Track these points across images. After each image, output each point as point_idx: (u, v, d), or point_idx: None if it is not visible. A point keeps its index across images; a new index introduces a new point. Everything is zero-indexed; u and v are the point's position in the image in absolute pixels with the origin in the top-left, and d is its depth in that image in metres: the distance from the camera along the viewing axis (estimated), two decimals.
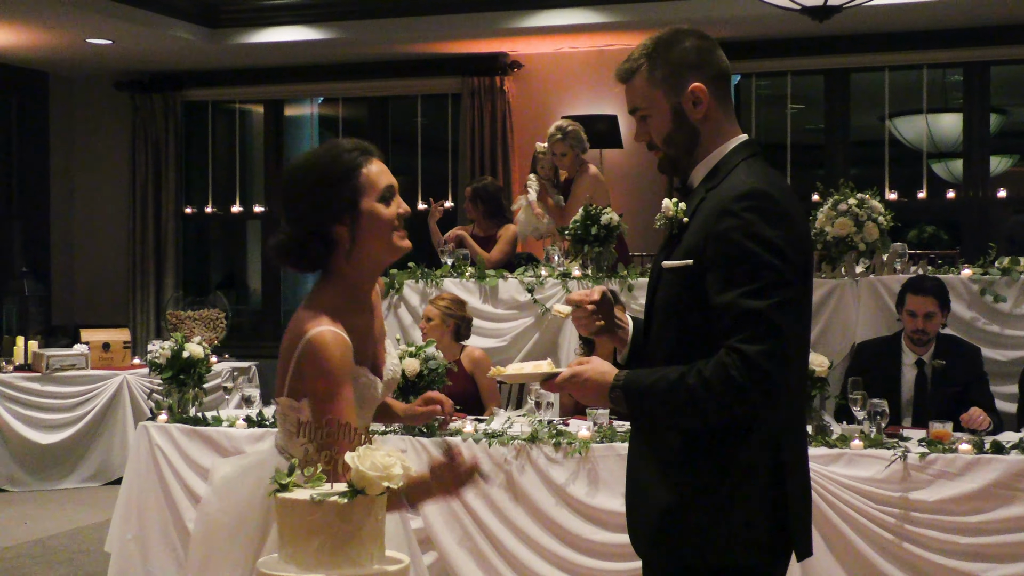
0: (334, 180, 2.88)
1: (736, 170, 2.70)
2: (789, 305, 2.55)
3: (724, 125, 2.78)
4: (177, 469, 5.93)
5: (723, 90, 2.79)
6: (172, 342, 6.15)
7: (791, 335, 2.54)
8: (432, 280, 7.32)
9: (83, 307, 11.94)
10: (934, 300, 6.07)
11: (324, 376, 2.80)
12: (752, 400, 2.52)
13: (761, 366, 2.49)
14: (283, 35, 10.26)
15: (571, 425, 5.73)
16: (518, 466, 5.45)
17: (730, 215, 2.58)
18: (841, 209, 6.69)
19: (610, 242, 7.07)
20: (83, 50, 10.51)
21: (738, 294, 2.53)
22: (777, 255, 2.54)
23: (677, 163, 2.82)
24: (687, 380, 2.55)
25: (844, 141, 10.21)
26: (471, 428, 5.64)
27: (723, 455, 2.63)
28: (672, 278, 2.71)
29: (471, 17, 9.78)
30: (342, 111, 11.88)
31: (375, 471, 2.45)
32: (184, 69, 11.51)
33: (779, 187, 2.66)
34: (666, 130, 2.78)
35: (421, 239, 9.04)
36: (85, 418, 8.83)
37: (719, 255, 2.59)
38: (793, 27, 8.75)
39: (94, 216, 12.04)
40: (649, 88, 2.77)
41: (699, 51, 2.78)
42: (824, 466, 5.12)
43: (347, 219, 2.88)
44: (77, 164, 12.06)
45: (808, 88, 10.65)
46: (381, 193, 2.92)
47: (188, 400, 6.19)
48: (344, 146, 2.95)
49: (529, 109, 10.64)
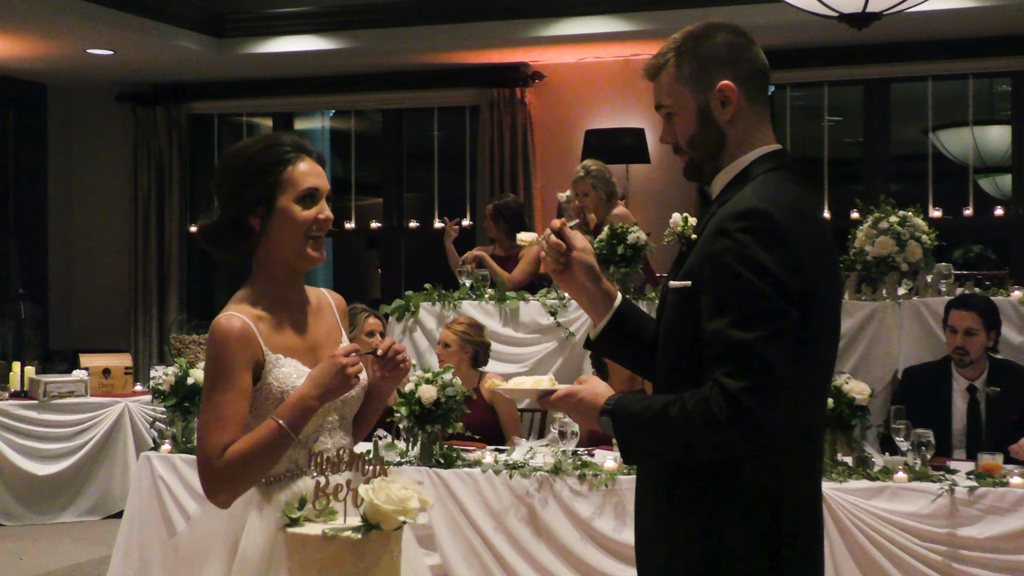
0: (256, 171, 2.97)
1: (749, 185, 2.63)
2: (781, 337, 2.46)
3: (754, 130, 2.71)
4: (181, 502, 5.94)
5: (756, 91, 2.72)
6: (176, 367, 6.16)
7: (781, 370, 2.45)
8: (449, 302, 7.32)
9: (82, 331, 11.98)
10: (975, 316, 6.04)
11: (213, 358, 2.90)
12: (731, 438, 2.47)
13: (742, 403, 2.43)
14: (292, 45, 10.31)
15: (596, 456, 5.72)
16: (541, 499, 5.44)
17: (725, 235, 2.53)
18: (882, 227, 6.67)
19: (637, 262, 7.06)
20: (83, 61, 10.58)
21: (726, 323, 2.47)
22: (771, 281, 2.47)
23: (701, 168, 2.75)
24: (670, 412, 2.52)
25: (885, 155, 10.19)
26: (491, 459, 5.64)
27: (713, 495, 2.59)
28: (675, 299, 2.67)
29: (490, 25, 9.81)
30: (354, 124, 11.92)
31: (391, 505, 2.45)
32: (189, 81, 11.58)
33: (784, 206, 2.56)
34: (691, 131, 2.72)
35: (438, 258, 9.06)
36: (84, 448, 8.84)
37: (711, 278, 2.54)
38: (830, 35, 8.74)
39: (94, 234, 12.09)
40: (676, 84, 2.71)
41: (731, 47, 2.71)
42: (866, 500, 5.09)
43: (261, 212, 2.97)
44: (76, 180, 12.12)
45: (846, 99, 10.64)
46: (301, 194, 2.98)
47: (193, 429, 6.20)
48: (279, 139, 3.04)
49: (551, 122, 10.66)
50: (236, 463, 2.79)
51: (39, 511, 8.83)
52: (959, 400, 6.09)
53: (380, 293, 12.16)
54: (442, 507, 5.44)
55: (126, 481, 8.43)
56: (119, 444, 8.93)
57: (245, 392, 2.89)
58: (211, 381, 2.89)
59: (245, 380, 2.90)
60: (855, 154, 10.64)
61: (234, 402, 2.87)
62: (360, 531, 2.42)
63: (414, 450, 5.72)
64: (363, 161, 11.93)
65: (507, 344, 7.22)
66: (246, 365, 2.90)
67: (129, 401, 9.01)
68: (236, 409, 2.87)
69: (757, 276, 2.47)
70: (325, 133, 12.36)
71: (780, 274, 2.48)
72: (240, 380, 2.89)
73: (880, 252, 6.66)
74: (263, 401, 2.92)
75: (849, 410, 5.28)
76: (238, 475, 2.80)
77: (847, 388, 5.28)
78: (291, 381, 2.94)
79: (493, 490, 5.50)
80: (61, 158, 12.01)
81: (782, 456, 2.59)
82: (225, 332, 2.90)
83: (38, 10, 8.87)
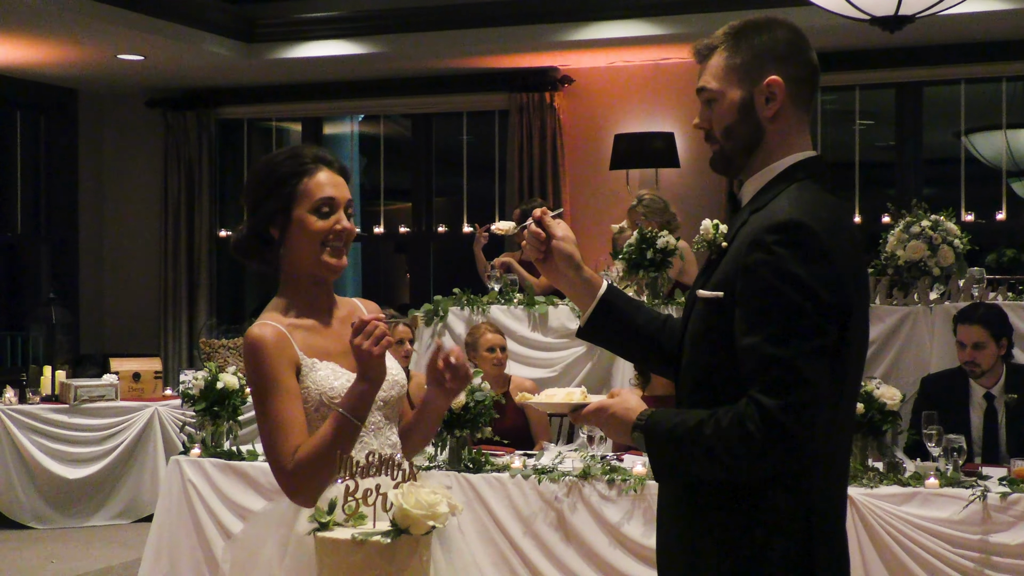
0: (274, 182, 3.04)
1: (783, 193, 2.58)
2: (819, 353, 2.42)
3: (793, 134, 2.66)
4: (210, 506, 5.96)
5: (803, 95, 2.67)
6: (205, 372, 6.19)
7: (819, 387, 2.41)
8: (478, 307, 7.33)
9: (113, 335, 12.06)
10: (982, 329, 5.99)
11: (254, 368, 2.93)
12: (769, 458, 2.43)
13: (780, 422, 2.39)
14: (322, 50, 10.35)
15: (626, 460, 5.72)
16: (569, 504, 5.44)
17: (760, 248, 2.48)
18: (914, 231, 6.65)
19: (666, 267, 7.05)
20: (113, 66, 10.64)
21: (763, 338, 2.43)
22: (809, 297, 2.42)
23: (732, 161, 2.69)
24: (704, 429, 2.48)
25: (917, 159, 10.14)
26: (519, 464, 5.64)
27: (745, 515, 2.54)
28: (704, 308, 2.62)
29: (519, 30, 9.82)
30: (384, 129, 11.96)
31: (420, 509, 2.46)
32: (218, 86, 11.63)
33: (823, 219, 2.51)
34: (729, 120, 2.66)
35: (467, 263, 9.08)
36: (114, 452, 8.89)
37: (746, 291, 2.49)
38: (862, 38, 8.72)
39: (124, 239, 12.16)
40: (724, 70, 2.65)
41: (789, 44, 2.65)
42: (896, 506, 5.07)
43: (279, 222, 3.03)
44: (107, 185, 12.20)
45: (878, 103, 10.60)
46: (316, 204, 3.02)
47: (222, 433, 6.23)
48: (299, 152, 3.10)
49: (581, 126, 10.66)
50: (309, 461, 2.81)
51: (70, 514, 8.89)
52: (976, 408, 6.06)
53: (409, 298, 12.18)
54: (471, 512, 5.45)
55: (156, 485, 8.47)
56: (149, 448, 8.98)
57: (295, 393, 2.93)
58: (259, 392, 2.93)
59: (291, 382, 2.93)
60: (887, 158, 10.59)
61: (289, 405, 2.90)
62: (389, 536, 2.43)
63: (443, 455, 5.73)
64: (392, 166, 11.96)
65: (536, 349, 7.23)
66: (288, 368, 2.94)
67: (159, 405, 9.05)
68: (293, 412, 2.91)
69: (795, 291, 2.43)
70: (354, 138, 12.40)
71: (818, 290, 2.43)
72: (286, 382, 2.92)
73: (912, 256, 6.64)
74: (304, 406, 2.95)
75: (880, 415, 5.26)
76: (313, 472, 2.81)
77: (878, 393, 5.26)
78: (329, 383, 2.97)
79: (522, 495, 5.51)
80: (92, 163, 12.09)
81: (814, 474, 2.54)
82: (259, 339, 2.94)
83: (68, 16, 8.93)
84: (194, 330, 11.56)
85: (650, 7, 9.45)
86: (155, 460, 8.91)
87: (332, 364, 3.01)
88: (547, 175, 10.56)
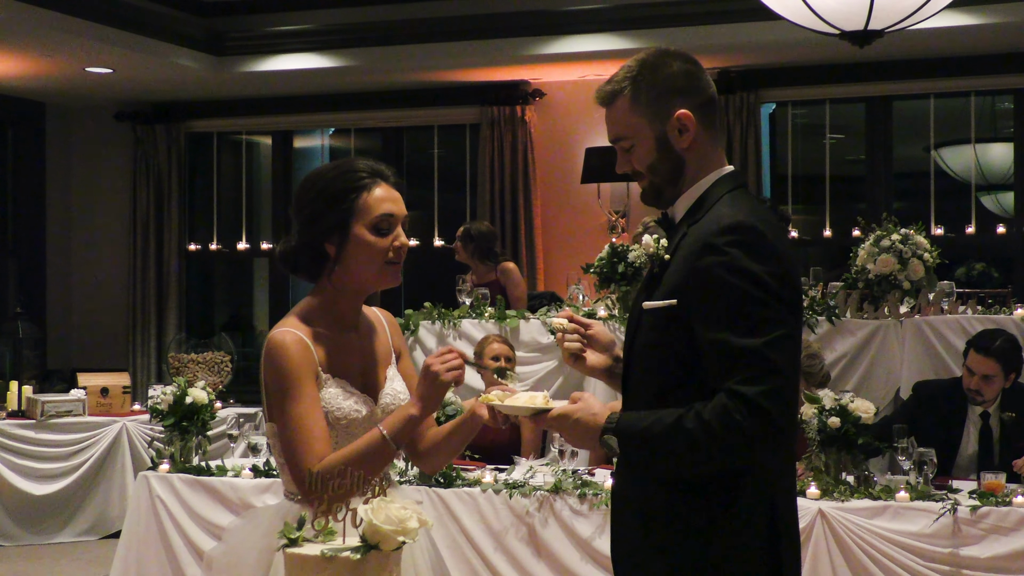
0: (331, 198, 2.99)
1: (719, 203, 2.71)
2: (784, 341, 2.56)
3: (710, 155, 2.79)
4: (179, 522, 5.94)
5: (710, 117, 2.80)
6: (174, 387, 6.17)
7: (789, 373, 2.56)
8: (449, 321, 7.32)
9: (80, 350, 11.99)
10: (996, 363, 5.89)
11: (278, 372, 2.91)
12: (756, 444, 2.53)
13: (763, 408, 2.50)
14: (292, 63, 10.34)
15: (597, 475, 5.72)
16: (541, 519, 5.44)
17: (713, 250, 2.59)
18: (884, 245, 6.69)
19: (637, 281, 7.07)
20: (82, 79, 10.60)
21: (729, 333, 2.54)
22: (766, 290, 2.55)
23: (662, 193, 2.83)
24: (685, 424, 2.55)
25: (887, 173, 10.20)
26: (491, 478, 5.64)
27: (713, 511, 2.62)
28: (653, 320, 2.71)
29: (490, 44, 9.84)
30: (354, 142, 11.95)
31: (390, 525, 2.45)
32: (188, 99, 11.60)
33: (765, 221, 2.66)
34: (650, 159, 2.79)
35: (438, 277, 9.08)
36: (82, 468, 8.84)
37: (703, 292, 2.59)
38: (832, 53, 8.77)
39: (92, 253, 12.10)
40: (632, 115, 2.79)
41: (687, 75, 2.78)
42: (867, 520, 5.09)
43: (336, 239, 2.99)
44: (75, 199, 12.14)
45: (848, 117, 10.66)
46: (375, 220, 2.99)
47: (191, 448, 6.20)
48: (355, 166, 3.05)
49: (552, 140, 10.68)
50: (333, 470, 2.76)
51: (36, 531, 8.83)
52: (971, 426, 6.02)
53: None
54: (442, 527, 5.44)
55: (124, 501, 8.43)
56: (117, 464, 8.93)
57: (317, 400, 2.91)
58: (281, 396, 2.90)
59: (313, 389, 2.92)
60: (857, 172, 10.65)
61: (312, 411, 2.89)
62: (359, 552, 2.43)
63: (413, 469, 5.72)
64: None
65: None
66: (309, 375, 2.92)
67: (127, 420, 9.01)
68: (317, 418, 2.89)
69: (753, 286, 2.55)
70: (325, 151, 12.38)
71: (772, 284, 2.56)
72: (309, 388, 2.91)
73: (882, 270, 6.68)
74: None
75: (855, 429, 5.27)
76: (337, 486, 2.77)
77: (853, 407, 5.27)
78: (338, 403, 2.96)
79: (493, 509, 5.50)
80: (59, 177, 12.03)
81: (775, 465, 2.67)
82: (282, 344, 2.92)
83: (36, 28, 8.89)
84: (163, 344, 11.50)
85: (621, 21, 9.48)
86: (123, 476, 8.87)
87: (343, 382, 3.00)
88: (518, 189, 10.57)
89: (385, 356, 3.17)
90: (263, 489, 5.84)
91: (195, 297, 12.28)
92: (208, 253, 11.98)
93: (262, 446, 6.22)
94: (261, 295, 12.69)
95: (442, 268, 8.41)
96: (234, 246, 11.83)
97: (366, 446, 2.86)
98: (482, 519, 5.50)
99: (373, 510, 2.47)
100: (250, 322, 13.04)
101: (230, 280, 13.03)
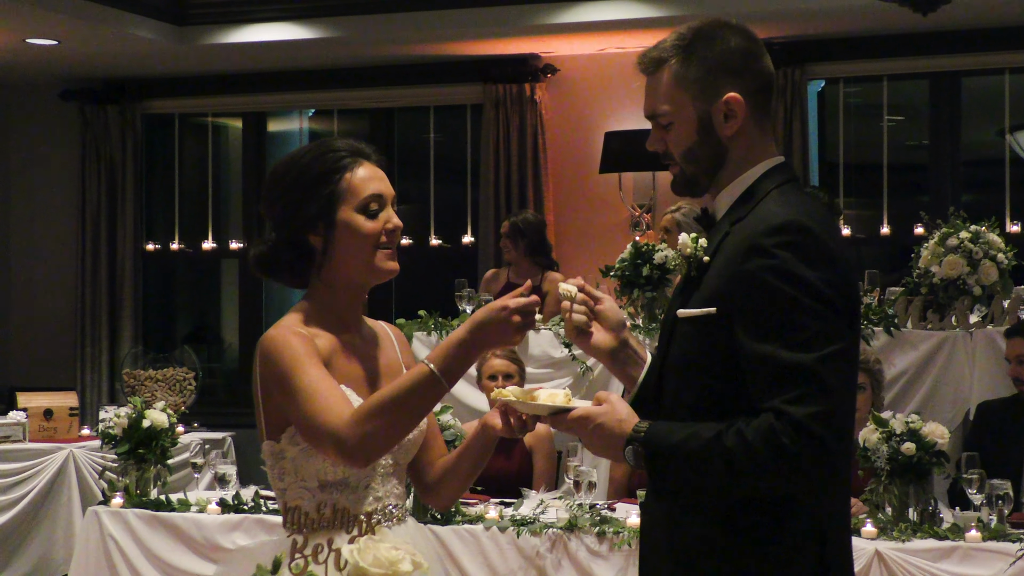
0: (310, 183, 3.01)
1: (767, 199, 2.73)
2: (838, 357, 2.56)
3: (757, 146, 2.81)
4: (134, 564, 5.94)
5: (763, 105, 2.82)
6: (129, 408, 6.18)
7: (843, 394, 2.57)
8: (447, 331, 7.32)
9: (20, 366, 11.99)
10: None
11: (280, 357, 2.90)
12: (804, 471, 2.54)
13: (814, 431, 2.51)
14: (266, 34, 10.35)
15: (618, 510, 5.72)
16: (553, 560, 5.44)
17: (761, 252, 2.61)
18: (951, 244, 6.68)
19: (664, 285, 7.07)
20: (22, 52, 10.62)
21: (778, 345, 2.55)
22: (820, 300, 2.57)
23: (696, 183, 2.87)
24: (724, 441, 2.56)
25: (954, 160, 10.20)
26: (495, 514, 5.63)
27: (756, 547, 2.64)
28: (690, 329, 2.73)
29: (495, 11, 9.83)
30: (337, 125, 11.95)
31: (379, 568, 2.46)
32: (145, 75, 11.61)
33: (820, 220, 2.68)
34: (688, 143, 2.82)
35: (434, 281, 9.08)
36: (22, 502, 8.84)
37: (748, 300, 2.61)
38: (891, 22, 8.77)
39: (34, 253, 12.11)
40: (675, 88, 2.79)
41: (745, 54, 2.79)
42: (932, 563, 5.08)
43: (321, 229, 3.01)
44: (14, 190, 12.15)
45: (909, 96, 10.66)
46: (363, 202, 3.01)
47: (149, 480, 6.21)
48: (332, 146, 3.07)
49: (566, 123, 10.68)
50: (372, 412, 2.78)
51: None
52: None
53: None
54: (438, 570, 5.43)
55: (70, 540, 8.42)
56: (63, 497, 8.93)
57: (329, 375, 2.90)
58: (286, 376, 2.88)
59: (323, 367, 2.91)
60: (919, 159, 10.65)
61: (326, 379, 2.88)
62: None
63: (407, 502, 5.71)
64: None
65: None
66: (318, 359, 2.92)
67: (75, 447, 9.01)
68: (333, 385, 2.88)
69: (804, 294, 2.56)
70: (303, 135, 12.39)
71: (827, 291, 2.57)
72: (318, 364, 2.90)
73: (949, 273, 6.67)
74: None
75: (928, 457, 5.25)
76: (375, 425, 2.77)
77: (926, 431, 5.25)
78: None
79: (498, 550, 5.50)
80: None
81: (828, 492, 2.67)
82: (283, 337, 2.93)
83: None
84: (116, 359, 11.50)
85: None
86: (69, 511, 8.86)
87: (348, 389, 3.00)
88: (527, 179, 10.56)
89: (393, 369, 3.17)
90: (232, 527, 5.84)
91: (153, 304, 12.27)
92: (168, 253, 11.97)
93: (231, 477, 6.22)
94: (230, 302, 12.68)
95: (438, 271, 8.41)
96: (199, 246, 11.83)
97: (411, 383, 2.80)
98: (486, 562, 5.50)
99: (360, 551, 2.47)
100: (217, 333, 13.04)
101: (194, 285, 13.03)
